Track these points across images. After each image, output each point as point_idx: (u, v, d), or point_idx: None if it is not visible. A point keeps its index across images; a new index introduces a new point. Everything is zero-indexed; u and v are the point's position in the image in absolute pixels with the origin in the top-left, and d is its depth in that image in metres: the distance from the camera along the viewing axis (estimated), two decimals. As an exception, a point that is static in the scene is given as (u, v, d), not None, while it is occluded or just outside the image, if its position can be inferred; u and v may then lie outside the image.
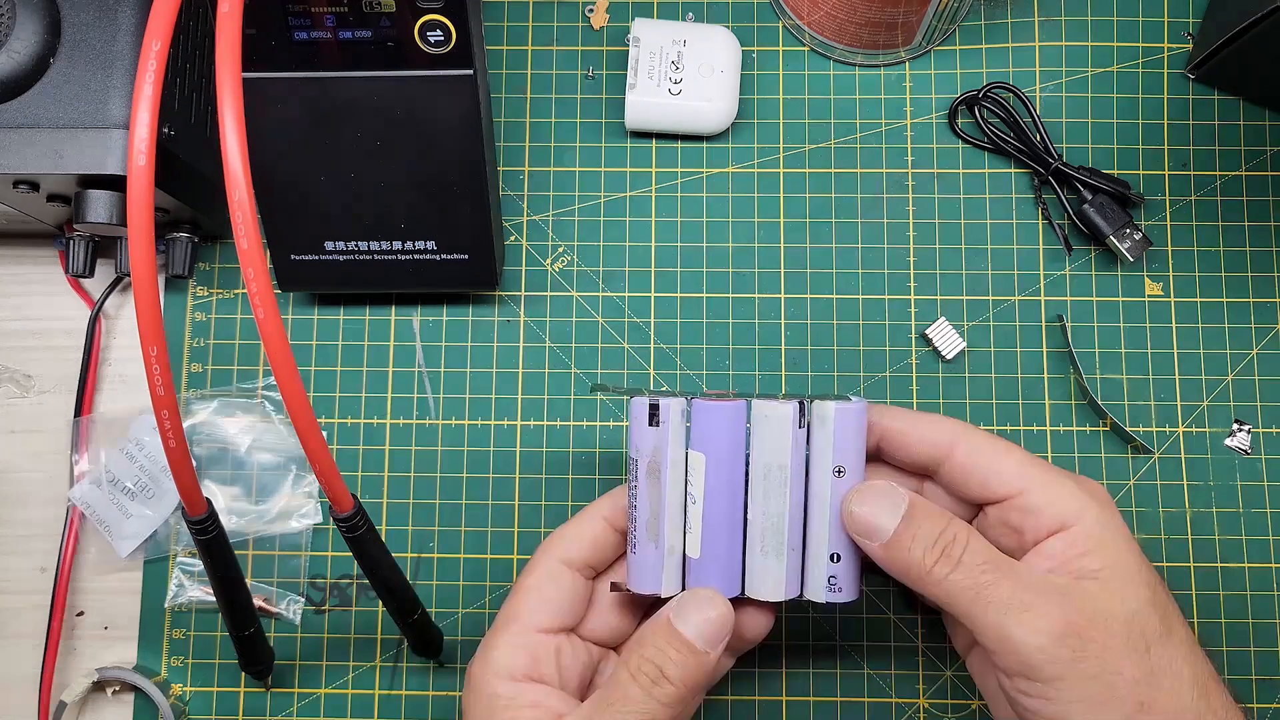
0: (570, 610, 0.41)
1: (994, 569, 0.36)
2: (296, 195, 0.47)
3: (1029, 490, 0.38)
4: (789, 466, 0.40)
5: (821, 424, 0.40)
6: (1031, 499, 0.38)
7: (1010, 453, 0.39)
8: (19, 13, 0.43)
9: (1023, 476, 0.38)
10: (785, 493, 0.40)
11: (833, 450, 0.39)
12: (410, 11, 0.43)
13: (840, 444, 0.39)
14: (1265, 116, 0.53)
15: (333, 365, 0.51)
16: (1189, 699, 0.36)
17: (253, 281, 0.32)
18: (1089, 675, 0.35)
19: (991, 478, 0.39)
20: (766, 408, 0.40)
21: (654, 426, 0.40)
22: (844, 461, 0.39)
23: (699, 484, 0.40)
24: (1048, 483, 0.38)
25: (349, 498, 0.38)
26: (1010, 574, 0.36)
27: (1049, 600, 0.36)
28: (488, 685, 0.39)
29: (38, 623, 0.49)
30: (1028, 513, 0.38)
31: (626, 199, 0.53)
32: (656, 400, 0.39)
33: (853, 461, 0.40)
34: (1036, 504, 0.38)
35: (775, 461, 0.40)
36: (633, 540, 0.40)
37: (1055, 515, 0.38)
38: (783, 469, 0.40)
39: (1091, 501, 0.38)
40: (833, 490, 0.40)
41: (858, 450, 0.40)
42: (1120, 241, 0.50)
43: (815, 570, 0.40)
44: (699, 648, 0.37)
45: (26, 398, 0.52)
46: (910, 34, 0.51)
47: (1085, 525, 0.37)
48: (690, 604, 0.38)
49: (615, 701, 0.37)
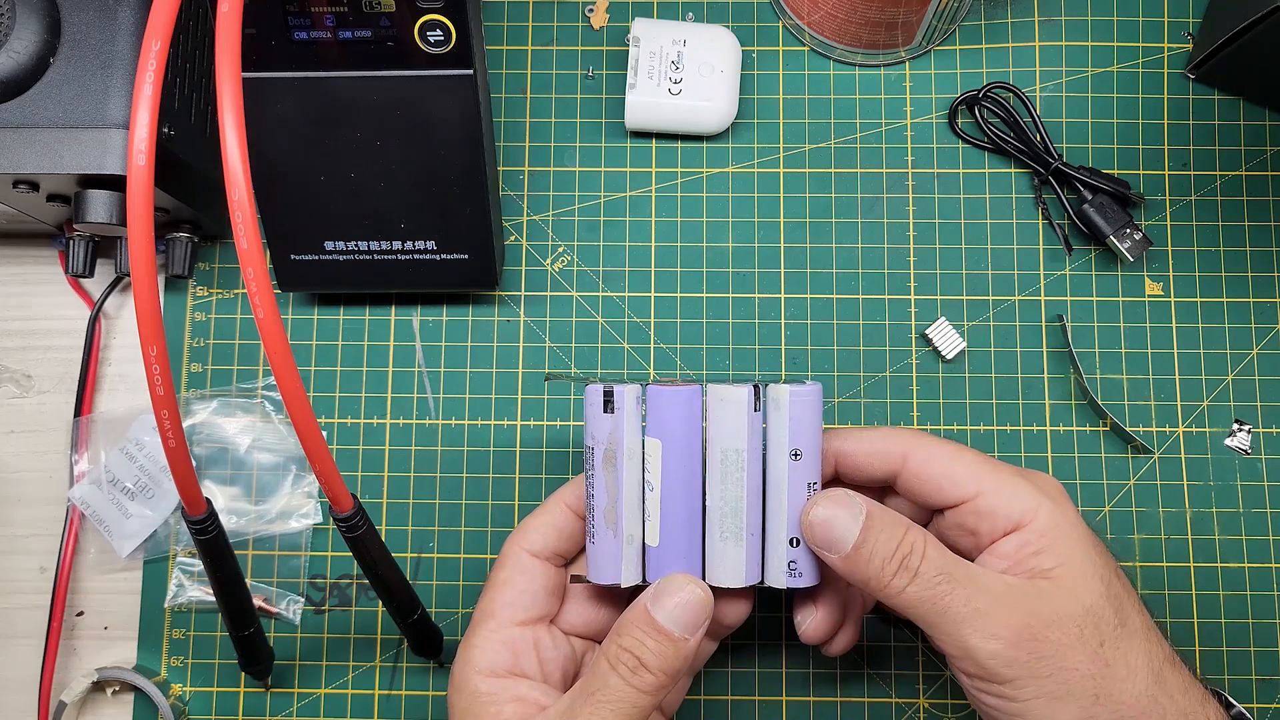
0: (544, 601, 0.41)
1: (949, 578, 0.37)
2: (296, 195, 0.47)
3: (983, 493, 0.39)
4: (745, 451, 0.39)
5: (776, 408, 0.40)
6: (984, 502, 0.39)
7: (961, 457, 0.40)
8: (19, 13, 0.43)
9: (976, 480, 0.39)
10: (743, 477, 0.40)
11: (788, 434, 0.39)
12: (410, 11, 0.43)
13: (796, 427, 0.39)
14: (1265, 116, 0.53)
15: (333, 365, 0.51)
16: (1144, 686, 0.37)
17: (253, 281, 0.32)
18: (1044, 675, 0.36)
19: (945, 484, 0.40)
20: (722, 391, 0.40)
21: (609, 413, 0.39)
22: (800, 445, 0.39)
23: (656, 471, 0.40)
24: (1000, 485, 0.39)
25: (349, 498, 0.38)
26: (966, 581, 0.37)
27: (1003, 605, 0.37)
28: (470, 683, 0.39)
29: (38, 623, 0.49)
30: (982, 516, 0.39)
31: (626, 199, 0.53)
32: (611, 387, 0.39)
33: (809, 445, 0.40)
34: (990, 506, 0.39)
35: (732, 446, 0.39)
36: (591, 530, 0.40)
37: (1008, 516, 0.38)
38: (739, 453, 0.39)
39: (1045, 499, 0.39)
40: (790, 474, 0.39)
41: (814, 433, 0.40)
42: (1120, 241, 0.50)
43: (775, 555, 0.40)
44: (676, 635, 0.37)
45: (26, 398, 0.52)
46: (910, 34, 0.51)
47: (1038, 524, 0.38)
48: (667, 591, 0.38)
49: (596, 691, 0.37)
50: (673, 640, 0.37)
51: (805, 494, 0.40)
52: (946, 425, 0.51)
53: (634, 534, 0.40)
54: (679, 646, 0.37)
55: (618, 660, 0.37)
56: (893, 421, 0.51)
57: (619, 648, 0.37)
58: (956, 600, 0.37)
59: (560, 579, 0.42)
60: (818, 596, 0.42)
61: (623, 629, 0.38)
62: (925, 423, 0.51)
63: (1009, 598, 0.37)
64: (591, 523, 0.40)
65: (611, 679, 0.37)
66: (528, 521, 0.42)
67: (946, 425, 0.51)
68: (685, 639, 0.38)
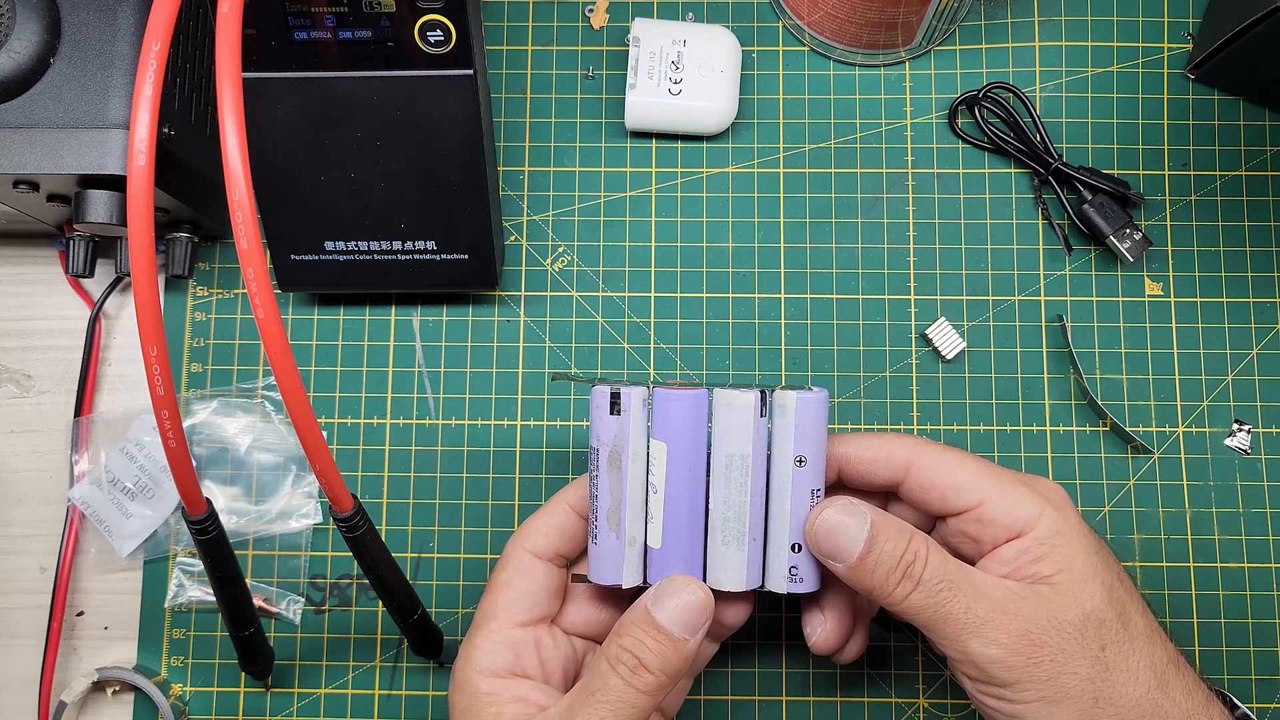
0: (546, 601, 0.41)
1: (951, 585, 0.37)
2: (296, 195, 0.47)
3: (985, 502, 0.39)
4: (750, 456, 0.40)
5: (782, 413, 0.40)
6: (987, 510, 0.39)
7: (965, 465, 0.40)
8: (19, 13, 0.43)
9: (979, 489, 0.39)
10: (747, 482, 0.40)
11: (793, 440, 0.39)
12: (410, 11, 0.43)
13: (801, 433, 0.39)
14: (1265, 116, 0.53)
15: (333, 365, 0.51)
16: (1145, 689, 0.37)
17: (253, 281, 0.32)
18: (1045, 678, 0.37)
19: (948, 493, 0.40)
20: (728, 396, 0.40)
21: (615, 415, 0.39)
22: (805, 451, 0.39)
23: (660, 473, 0.40)
24: (1003, 493, 0.39)
25: (349, 498, 0.38)
26: (967, 588, 0.37)
27: (1004, 611, 0.37)
28: (471, 683, 0.39)
29: (38, 623, 0.49)
30: (984, 523, 0.39)
31: (626, 199, 0.53)
32: (618, 389, 0.39)
33: (814, 451, 0.40)
34: (992, 515, 0.39)
35: (737, 451, 0.40)
36: (594, 530, 0.40)
37: (1010, 524, 0.39)
38: (744, 458, 0.40)
39: (1047, 507, 0.39)
40: (794, 480, 0.39)
41: (819, 440, 0.40)
42: (1120, 241, 0.50)
43: (776, 560, 0.40)
44: (677, 636, 0.37)
45: (26, 398, 0.52)
46: (910, 34, 0.51)
47: (1039, 532, 0.38)
48: (668, 592, 0.38)
49: (596, 691, 0.37)
50: (673, 641, 0.37)
51: (809, 500, 0.40)
52: (946, 425, 0.51)
53: (636, 535, 0.40)
54: (679, 647, 0.37)
55: (617, 660, 0.37)
56: (893, 422, 0.51)
57: (619, 647, 0.38)
58: (958, 607, 0.37)
59: (562, 579, 0.42)
60: (826, 605, 0.42)
61: (623, 629, 0.38)
62: (925, 423, 0.51)
63: (1010, 604, 0.37)
64: (594, 523, 0.40)
65: (611, 679, 0.37)
66: (530, 522, 0.42)
67: (946, 425, 0.51)
68: (685, 640, 0.38)
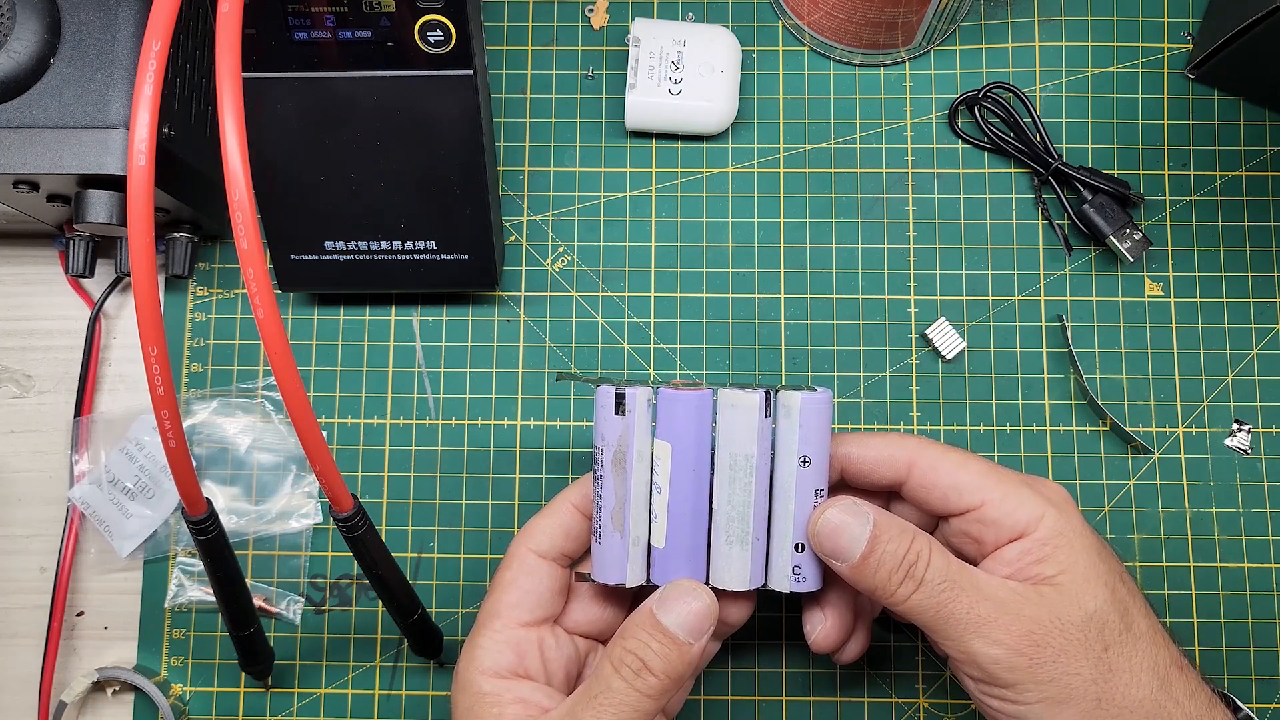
0: (550, 602, 0.41)
1: (953, 586, 0.37)
2: (296, 195, 0.47)
3: (988, 502, 0.39)
4: (755, 456, 0.40)
5: (787, 414, 0.40)
6: (989, 511, 0.39)
7: (967, 465, 0.40)
8: (19, 13, 0.43)
9: (981, 489, 0.39)
10: (751, 482, 0.40)
11: (798, 440, 0.39)
12: (410, 11, 0.43)
13: (806, 434, 0.39)
14: (1265, 116, 0.53)
15: (333, 365, 0.51)
16: (1147, 690, 0.37)
17: (253, 281, 0.32)
18: (1047, 679, 0.37)
19: (950, 493, 0.40)
20: (733, 397, 0.40)
21: (620, 415, 0.39)
22: (809, 451, 0.39)
23: (664, 473, 0.40)
24: (1005, 493, 0.39)
25: (349, 498, 0.38)
26: (970, 588, 0.37)
27: (1006, 612, 0.37)
28: (473, 683, 0.39)
29: (38, 623, 0.49)
30: (986, 524, 0.39)
31: (626, 199, 0.53)
32: (623, 389, 0.39)
33: (818, 451, 0.40)
34: (995, 515, 0.39)
35: (741, 451, 0.40)
36: (598, 530, 0.40)
37: (1013, 525, 0.39)
38: (749, 459, 0.40)
39: (1049, 507, 0.39)
40: (798, 480, 0.40)
41: (823, 440, 0.40)
42: (1120, 241, 0.50)
43: (779, 560, 0.40)
44: (681, 639, 0.38)
45: (26, 398, 0.52)
46: (910, 34, 0.51)
47: (1041, 532, 0.38)
48: (673, 596, 0.38)
49: (599, 694, 0.37)
50: (678, 644, 0.37)
51: (812, 500, 0.40)
52: (946, 425, 0.51)
53: (640, 535, 0.40)
54: (684, 651, 0.37)
55: (621, 663, 0.37)
56: (893, 422, 0.51)
57: (623, 650, 0.38)
58: (960, 607, 0.37)
59: (565, 579, 0.42)
60: (827, 604, 0.42)
61: (628, 632, 0.38)
62: (925, 423, 0.51)
63: (1012, 604, 0.37)
64: (598, 523, 0.40)
65: (615, 681, 0.37)
66: (534, 522, 0.42)
67: (946, 425, 0.51)
68: (690, 644, 0.38)
